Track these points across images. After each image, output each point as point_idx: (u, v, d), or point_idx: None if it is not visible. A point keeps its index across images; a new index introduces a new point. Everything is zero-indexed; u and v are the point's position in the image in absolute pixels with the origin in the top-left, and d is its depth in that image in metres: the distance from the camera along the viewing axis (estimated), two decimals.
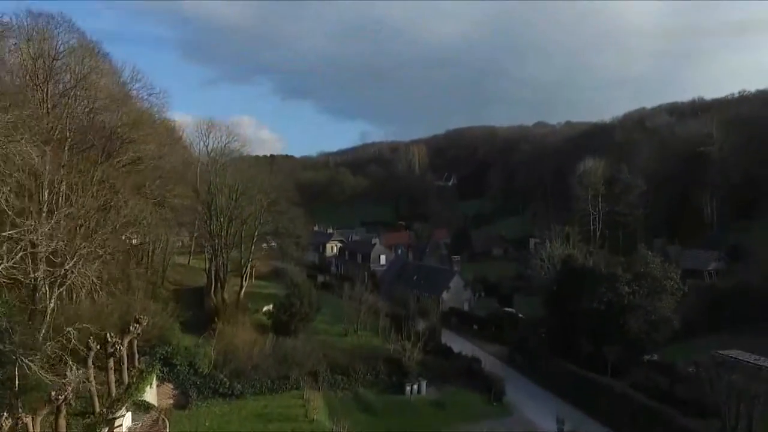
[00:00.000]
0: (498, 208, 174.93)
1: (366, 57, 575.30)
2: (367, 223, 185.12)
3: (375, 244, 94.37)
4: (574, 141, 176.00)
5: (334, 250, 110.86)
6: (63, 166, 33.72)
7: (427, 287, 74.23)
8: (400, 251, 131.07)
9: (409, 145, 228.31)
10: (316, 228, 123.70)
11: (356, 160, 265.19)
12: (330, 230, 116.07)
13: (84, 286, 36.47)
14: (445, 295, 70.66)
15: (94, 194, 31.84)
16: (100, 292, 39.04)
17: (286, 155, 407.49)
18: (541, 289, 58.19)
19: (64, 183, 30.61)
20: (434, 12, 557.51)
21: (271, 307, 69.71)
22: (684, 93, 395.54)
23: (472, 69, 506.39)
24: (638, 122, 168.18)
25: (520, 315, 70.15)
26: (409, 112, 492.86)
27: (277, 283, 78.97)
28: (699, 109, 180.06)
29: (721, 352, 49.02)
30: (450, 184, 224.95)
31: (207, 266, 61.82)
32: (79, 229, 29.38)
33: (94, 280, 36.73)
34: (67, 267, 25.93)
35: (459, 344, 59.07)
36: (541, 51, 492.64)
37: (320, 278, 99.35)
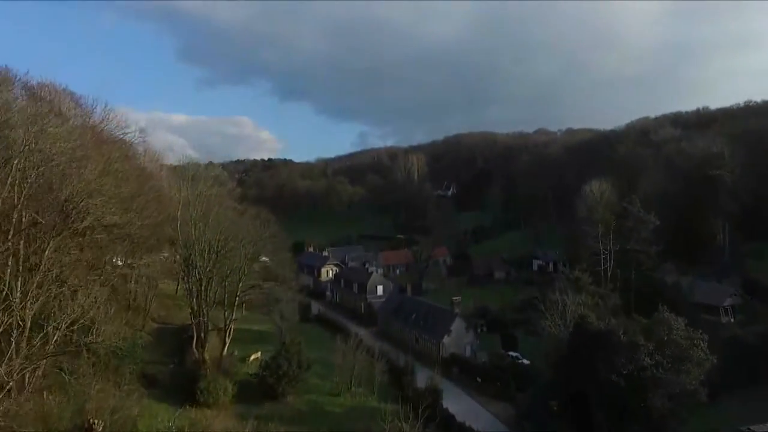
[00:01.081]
0: (498, 220, 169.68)
1: (363, 57, 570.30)
2: (365, 236, 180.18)
3: (372, 273, 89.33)
4: (576, 152, 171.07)
5: (330, 275, 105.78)
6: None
7: (427, 329, 69.24)
8: (399, 271, 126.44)
9: (408, 154, 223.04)
10: (310, 249, 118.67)
11: (354, 167, 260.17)
12: (325, 252, 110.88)
13: (30, 383, 31.41)
14: (446, 339, 65.63)
15: (36, 292, 26.66)
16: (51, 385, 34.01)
17: (285, 160, 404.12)
18: (549, 340, 52.99)
19: None
20: (432, 11, 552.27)
21: (259, 354, 64.82)
22: (684, 91, 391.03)
23: (471, 69, 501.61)
24: (642, 133, 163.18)
25: (526, 361, 65.28)
26: (408, 113, 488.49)
27: (268, 316, 73.86)
28: (704, 119, 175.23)
29: (752, 428, 44.05)
30: (449, 193, 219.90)
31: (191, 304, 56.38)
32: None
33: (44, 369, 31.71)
34: None
35: (461, 403, 54.11)
36: (541, 49, 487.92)
37: (314, 308, 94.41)
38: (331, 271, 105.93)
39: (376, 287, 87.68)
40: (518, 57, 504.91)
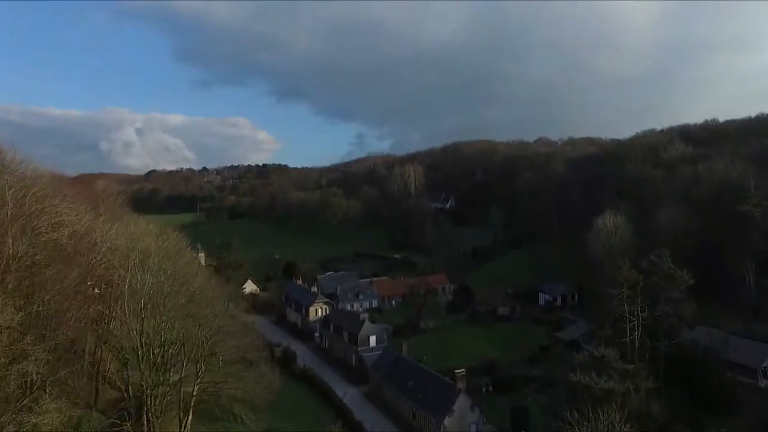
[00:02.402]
0: (500, 239, 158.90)
1: (361, 58, 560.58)
2: (360, 254, 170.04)
3: (364, 320, 79.18)
4: (580, 166, 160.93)
5: (319, 314, 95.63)
6: None
7: (426, 403, 59.11)
8: (394, 302, 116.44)
9: (405, 164, 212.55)
10: (299, 282, 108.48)
11: (349, 176, 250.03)
12: (314, 288, 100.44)
13: None
14: (447, 420, 55.55)
15: None
16: None
17: (279, 165, 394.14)
18: None
19: None
20: (430, 12, 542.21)
21: None
22: (682, 92, 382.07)
23: (469, 69, 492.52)
24: (650, 150, 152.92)
25: None
26: (406, 114, 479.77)
27: (245, 369, 63.54)
28: (714, 134, 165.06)
29: None
30: (447, 206, 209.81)
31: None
32: None
33: None
34: None
35: None
36: (540, 50, 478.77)
37: (301, 353, 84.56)
38: (320, 310, 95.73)
39: (369, 338, 77.58)
40: (517, 57, 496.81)
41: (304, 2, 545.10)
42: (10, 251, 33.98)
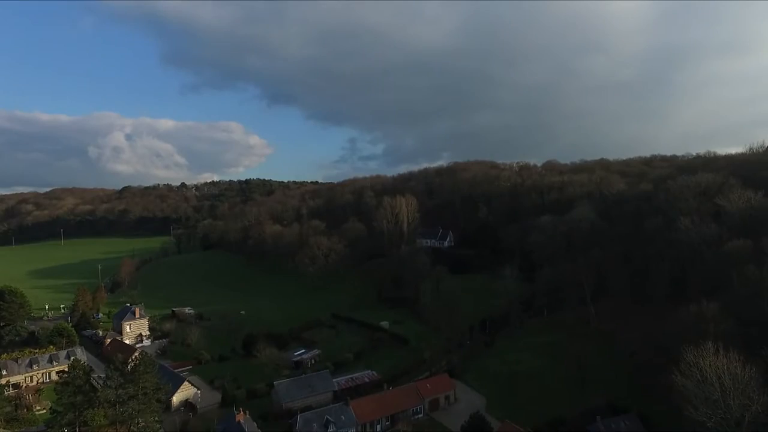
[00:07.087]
0: (513, 299, 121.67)
1: (352, 63, 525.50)
2: (339, 317, 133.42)
3: None
4: (611, 217, 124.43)
5: None
6: None
7: None
8: (379, 427, 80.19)
9: (396, 197, 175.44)
10: (239, 417, 71.57)
11: (334, 204, 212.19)
12: None
13: None
14: None
15: None
16: None
17: (263, 180, 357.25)
18: None
19: None
20: (421, 16, 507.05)
21: None
22: (674, 96, 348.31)
23: (461, 74, 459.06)
24: (703, 195, 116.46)
25: None
26: (398, 118, 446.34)
27: None
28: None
29: None
30: (445, 245, 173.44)
31: None
32: None
33: None
34: None
35: None
36: (532, 54, 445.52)
37: None
38: None
39: None
40: (509, 62, 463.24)
41: (293, 6, 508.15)
42: None
